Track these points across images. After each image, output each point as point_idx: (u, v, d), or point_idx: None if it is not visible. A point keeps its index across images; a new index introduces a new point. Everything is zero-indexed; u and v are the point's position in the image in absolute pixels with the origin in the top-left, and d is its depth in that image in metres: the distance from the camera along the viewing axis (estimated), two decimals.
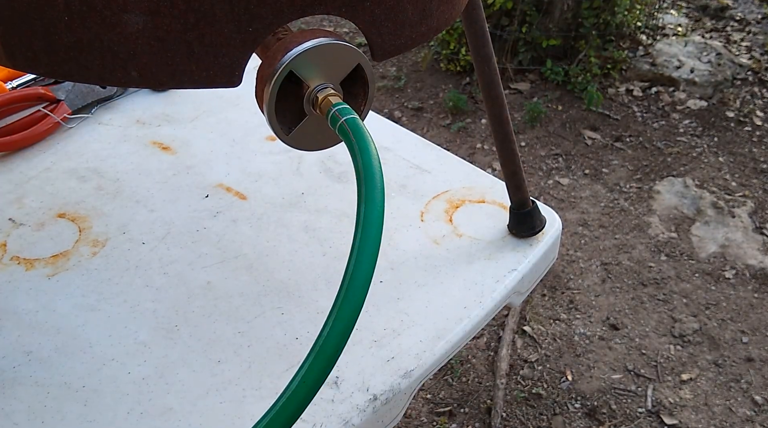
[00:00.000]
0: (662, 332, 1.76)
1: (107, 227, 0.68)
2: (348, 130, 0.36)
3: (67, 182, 0.74)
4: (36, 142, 0.80)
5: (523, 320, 1.81)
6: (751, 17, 3.09)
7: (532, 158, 2.37)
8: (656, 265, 1.94)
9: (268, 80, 0.38)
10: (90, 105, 0.85)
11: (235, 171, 0.75)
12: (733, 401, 1.59)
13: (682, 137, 2.45)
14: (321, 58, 0.39)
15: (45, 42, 0.34)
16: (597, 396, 1.62)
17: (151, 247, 0.66)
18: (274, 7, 0.35)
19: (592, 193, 2.22)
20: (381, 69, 2.83)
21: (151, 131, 0.83)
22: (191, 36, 0.34)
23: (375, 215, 0.34)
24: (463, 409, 1.60)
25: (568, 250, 2.00)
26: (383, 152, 0.77)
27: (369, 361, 0.55)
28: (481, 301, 0.61)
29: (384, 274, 0.63)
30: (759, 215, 2.11)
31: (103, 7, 0.32)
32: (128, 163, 0.77)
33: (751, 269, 1.93)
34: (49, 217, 0.70)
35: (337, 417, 0.51)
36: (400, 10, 0.40)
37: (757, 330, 1.76)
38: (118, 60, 0.34)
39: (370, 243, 0.33)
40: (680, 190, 2.21)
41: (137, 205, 0.71)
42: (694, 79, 2.64)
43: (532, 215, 0.66)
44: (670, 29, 2.95)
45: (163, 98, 0.89)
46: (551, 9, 2.64)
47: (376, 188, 0.34)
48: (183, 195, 0.72)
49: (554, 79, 2.66)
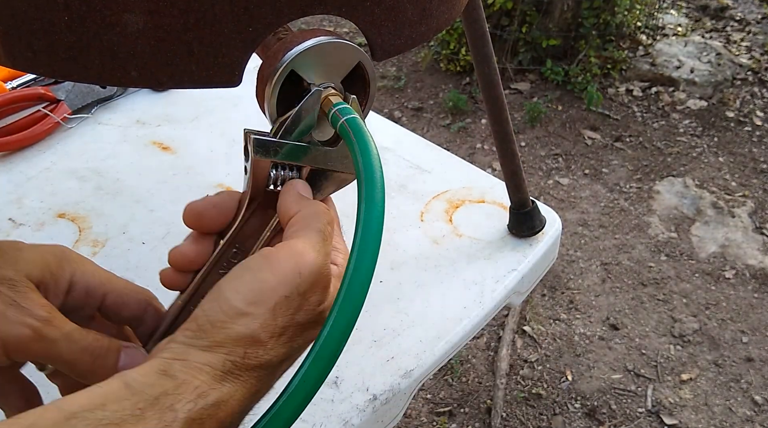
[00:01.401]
0: (662, 332, 1.76)
1: (107, 227, 0.68)
2: (348, 129, 0.36)
3: (67, 182, 0.74)
4: (36, 142, 0.80)
5: (523, 320, 1.81)
6: (751, 17, 3.09)
7: (532, 158, 2.37)
8: (656, 265, 1.94)
9: (269, 80, 0.38)
10: (90, 105, 0.85)
11: (235, 171, 0.75)
12: (733, 401, 1.59)
13: (682, 137, 2.45)
14: (322, 57, 0.39)
15: (45, 42, 0.34)
16: (597, 396, 1.62)
17: (151, 247, 0.66)
18: (274, 7, 0.35)
19: (592, 193, 2.22)
20: (381, 69, 2.83)
21: (151, 131, 0.82)
22: (191, 36, 0.34)
23: (375, 214, 0.34)
24: (463, 409, 1.60)
25: (568, 250, 2.00)
26: (383, 152, 0.77)
27: (369, 361, 0.55)
28: (481, 301, 0.61)
29: (384, 274, 0.63)
30: (759, 215, 2.11)
31: (103, 7, 0.32)
32: (128, 163, 0.77)
33: (751, 269, 1.93)
34: (49, 217, 0.70)
35: (337, 417, 0.51)
36: (400, 10, 0.40)
37: (757, 330, 1.76)
38: (118, 60, 0.34)
39: (371, 243, 0.33)
40: (680, 190, 2.21)
41: (137, 205, 0.71)
42: (694, 79, 2.64)
43: (532, 215, 0.66)
44: (670, 29, 2.95)
45: (163, 98, 0.89)
46: (551, 9, 2.64)
47: (376, 187, 0.34)
48: (183, 195, 0.72)
49: (554, 79, 2.67)
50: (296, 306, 0.33)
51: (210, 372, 0.30)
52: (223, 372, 0.31)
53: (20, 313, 0.33)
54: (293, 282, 0.33)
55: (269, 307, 0.32)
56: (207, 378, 0.30)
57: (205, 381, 0.30)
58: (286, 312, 0.33)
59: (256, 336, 0.32)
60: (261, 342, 0.32)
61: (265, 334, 0.32)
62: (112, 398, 0.27)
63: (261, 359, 0.32)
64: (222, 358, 0.31)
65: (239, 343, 0.31)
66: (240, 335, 0.31)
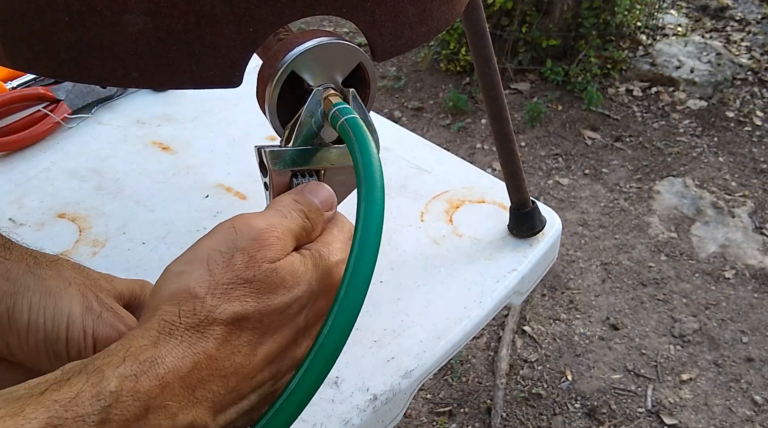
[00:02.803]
0: (662, 332, 1.76)
1: (107, 227, 0.68)
2: (348, 129, 0.36)
3: (67, 182, 0.74)
4: (36, 142, 0.80)
5: (523, 320, 1.81)
6: (751, 17, 3.09)
7: (532, 158, 2.37)
8: (656, 265, 1.94)
9: (269, 80, 0.38)
10: (90, 105, 0.85)
11: (236, 171, 0.75)
12: (732, 401, 1.59)
13: (682, 137, 2.45)
14: (322, 58, 0.39)
15: (45, 42, 0.34)
16: (597, 396, 1.62)
17: (151, 247, 0.66)
18: (275, 8, 0.35)
19: (592, 193, 2.22)
20: (381, 69, 2.83)
21: (151, 131, 0.82)
22: (191, 36, 0.34)
23: (375, 214, 0.34)
24: (463, 409, 1.60)
25: (568, 250, 2.00)
26: (383, 152, 0.77)
27: (369, 361, 0.55)
28: (481, 301, 0.61)
29: (384, 274, 0.63)
30: (759, 215, 2.11)
31: (103, 8, 0.32)
32: (128, 163, 0.77)
33: (751, 269, 1.93)
34: (49, 217, 0.70)
35: (337, 417, 0.51)
36: (401, 10, 0.40)
37: (757, 330, 1.76)
38: (118, 60, 0.34)
39: (371, 242, 0.33)
40: (680, 190, 2.21)
41: (137, 205, 0.71)
42: (694, 79, 2.64)
43: (532, 215, 0.66)
44: (670, 29, 2.95)
45: (163, 98, 0.89)
46: (551, 9, 2.64)
47: (376, 187, 0.34)
48: (183, 195, 0.72)
49: (554, 79, 2.67)
50: (238, 262, 0.32)
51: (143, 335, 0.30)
52: (158, 332, 0.30)
53: (115, 318, 0.38)
54: (228, 237, 0.32)
55: (203, 262, 0.32)
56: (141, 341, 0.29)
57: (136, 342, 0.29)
58: (224, 267, 0.31)
59: (190, 289, 0.31)
60: (196, 296, 0.31)
61: (201, 288, 0.31)
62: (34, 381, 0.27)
63: (199, 315, 0.30)
64: (156, 321, 0.30)
65: (172, 301, 0.31)
66: (172, 292, 0.31)
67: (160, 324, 0.30)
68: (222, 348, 0.30)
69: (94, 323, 0.37)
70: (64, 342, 0.37)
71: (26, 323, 0.36)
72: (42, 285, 0.37)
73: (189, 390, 0.29)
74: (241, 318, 0.31)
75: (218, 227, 0.34)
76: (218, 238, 0.33)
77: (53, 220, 0.69)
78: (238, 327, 0.31)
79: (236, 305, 0.31)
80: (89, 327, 0.37)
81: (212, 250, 0.32)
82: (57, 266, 0.39)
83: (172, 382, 0.29)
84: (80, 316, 0.37)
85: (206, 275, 0.31)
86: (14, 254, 0.38)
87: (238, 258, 0.32)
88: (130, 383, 0.27)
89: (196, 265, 0.32)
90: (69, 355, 0.37)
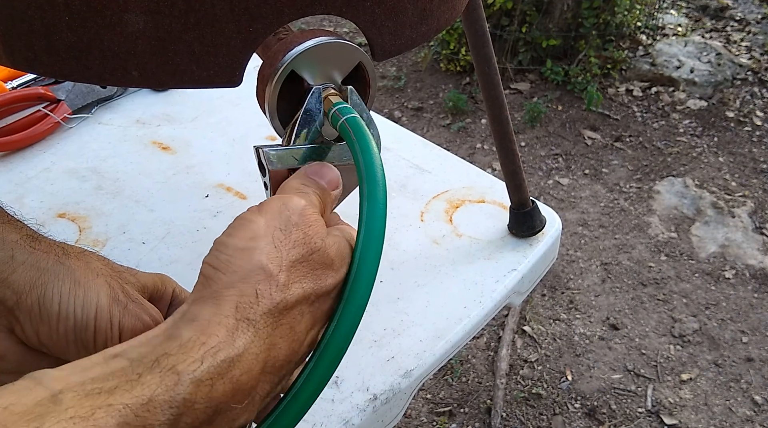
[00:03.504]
0: (662, 332, 1.76)
1: (107, 227, 0.68)
2: (348, 129, 0.36)
3: (67, 182, 0.74)
4: (36, 142, 0.80)
5: (523, 320, 1.81)
6: (751, 17, 3.09)
7: (532, 158, 2.37)
8: (656, 265, 1.94)
9: (269, 80, 0.38)
10: (90, 105, 0.85)
11: (236, 171, 0.75)
12: (732, 401, 1.59)
13: (682, 137, 2.45)
14: (322, 58, 0.39)
15: (45, 42, 0.34)
16: (597, 396, 1.62)
17: (151, 247, 0.66)
18: (275, 7, 0.35)
19: (592, 193, 2.22)
20: (381, 69, 2.83)
21: (151, 131, 0.82)
22: (191, 36, 0.34)
23: (377, 213, 0.34)
24: (463, 409, 1.60)
25: (568, 250, 2.00)
26: (383, 152, 0.77)
27: (369, 361, 0.55)
28: (481, 301, 0.61)
29: (384, 274, 0.63)
30: (759, 215, 2.11)
31: (103, 7, 0.32)
32: (128, 163, 0.77)
33: (751, 269, 1.93)
34: (49, 217, 0.70)
35: (337, 416, 0.51)
36: (401, 10, 0.40)
37: (757, 330, 1.76)
38: (118, 60, 0.34)
39: (374, 241, 0.33)
40: (680, 190, 2.21)
41: (137, 205, 0.71)
42: (694, 79, 2.64)
43: (532, 215, 0.66)
44: (670, 29, 2.95)
45: (163, 98, 0.89)
46: (551, 9, 2.64)
47: (377, 186, 0.34)
48: (183, 195, 0.72)
49: (554, 79, 2.67)
50: (295, 239, 0.32)
51: (221, 323, 0.28)
52: (235, 319, 0.28)
53: (140, 309, 0.39)
54: (283, 215, 0.32)
55: (269, 240, 0.31)
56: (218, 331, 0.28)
57: (214, 337, 0.28)
58: (287, 244, 0.31)
59: (265, 266, 0.30)
60: (272, 274, 0.30)
61: (274, 265, 0.30)
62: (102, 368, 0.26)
63: (274, 299, 0.30)
64: (233, 302, 0.29)
65: (249, 279, 0.30)
66: (246, 269, 0.30)
67: (238, 309, 0.29)
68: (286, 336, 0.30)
69: (121, 313, 0.38)
70: (92, 330, 0.37)
71: (57, 311, 0.36)
72: (71, 275, 0.37)
73: (252, 391, 0.29)
74: (302, 300, 0.31)
75: (266, 205, 0.33)
76: (272, 215, 0.32)
77: (53, 220, 0.69)
78: (300, 311, 0.31)
79: (301, 285, 0.31)
80: (116, 317, 0.38)
81: (274, 228, 0.32)
82: (85, 257, 0.40)
83: (244, 384, 0.28)
84: (107, 306, 0.38)
85: (275, 251, 0.31)
86: (43, 245, 0.38)
87: (295, 235, 0.32)
88: (205, 389, 0.27)
89: (263, 241, 0.31)
90: (96, 344, 0.37)
